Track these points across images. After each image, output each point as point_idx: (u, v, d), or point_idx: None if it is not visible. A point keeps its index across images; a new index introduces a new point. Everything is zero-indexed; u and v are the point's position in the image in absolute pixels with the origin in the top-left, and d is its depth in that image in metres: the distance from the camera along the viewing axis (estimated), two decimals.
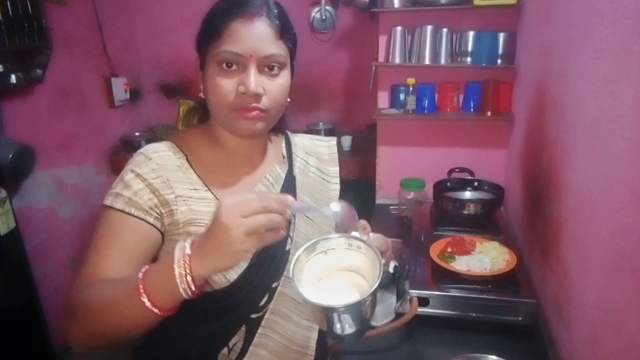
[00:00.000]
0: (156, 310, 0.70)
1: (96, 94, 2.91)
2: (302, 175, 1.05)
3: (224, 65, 0.84)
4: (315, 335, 1.02)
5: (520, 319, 1.30)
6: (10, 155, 2.14)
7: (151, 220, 0.84)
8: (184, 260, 0.69)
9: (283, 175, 1.00)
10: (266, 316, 0.95)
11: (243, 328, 0.93)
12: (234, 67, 0.84)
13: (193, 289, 0.69)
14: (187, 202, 0.87)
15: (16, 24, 2.13)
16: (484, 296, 1.32)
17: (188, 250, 0.69)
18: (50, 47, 2.38)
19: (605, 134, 1.03)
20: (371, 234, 0.90)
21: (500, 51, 2.15)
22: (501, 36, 2.13)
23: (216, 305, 0.89)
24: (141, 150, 0.90)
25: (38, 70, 2.36)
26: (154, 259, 0.88)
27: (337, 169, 1.13)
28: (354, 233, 0.85)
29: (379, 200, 2.49)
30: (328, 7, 3.00)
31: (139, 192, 0.84)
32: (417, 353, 1.31)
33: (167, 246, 0.88)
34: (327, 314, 0.76)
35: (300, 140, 1.11)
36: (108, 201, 0.84)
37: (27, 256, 2.16)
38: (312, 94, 3.22)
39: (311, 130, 3.10)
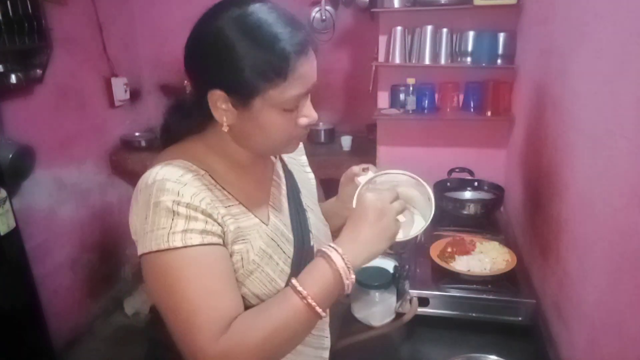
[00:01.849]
0: (325, 315, 0.77)
1: (96, 94, 2.91)
2: (293, 169, 1.04)
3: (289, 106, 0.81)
4: (327, 319, 1.02)
5: (520, 319, 1.30)
6: (10, 155, 2.14)
7: (223, 243, 0.80)
8: (343, 260, 0.77)
9: (282, 173, 1.00)
10: None
11: None
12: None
13: (354, 280, 0.78)
14: (231, 219, 0.81)
15: (16, 24, 2.14)
16: (484, 296, 1.32)
17: (340, 250, 0.78)
18: (50, 47, 2.38)
19: (605, 134, 1.03)
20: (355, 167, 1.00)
21: (500, 51, 2.15)
22: (501, 36, 2.13)
23: None
24: (162, 176, 0.77)
25: (38, 70, 2.37)
26: None
27: (305, 157, 1.12)
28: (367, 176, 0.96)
29: None
30: (328, 7, 3.00)
31: (208, 219, 0.77)
32: (417, 353, 1.31)
33: None
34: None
35: None
36: (177, 242, 0.74)
37: (27, 256, 2.16)
38: (312, 94, 3.20)
39: (311, 130, 3.10)
